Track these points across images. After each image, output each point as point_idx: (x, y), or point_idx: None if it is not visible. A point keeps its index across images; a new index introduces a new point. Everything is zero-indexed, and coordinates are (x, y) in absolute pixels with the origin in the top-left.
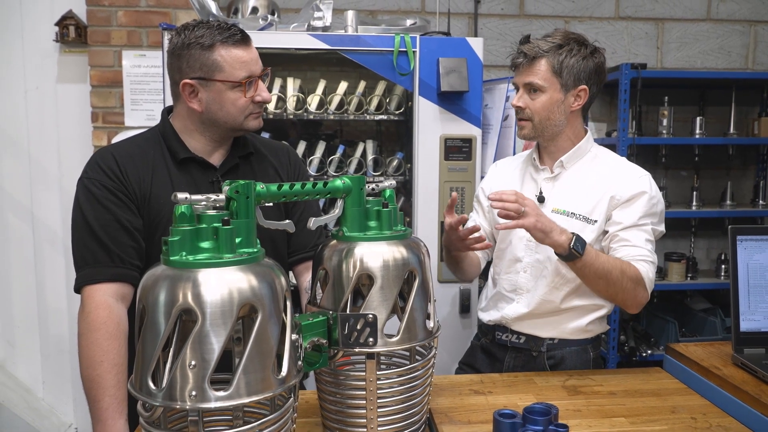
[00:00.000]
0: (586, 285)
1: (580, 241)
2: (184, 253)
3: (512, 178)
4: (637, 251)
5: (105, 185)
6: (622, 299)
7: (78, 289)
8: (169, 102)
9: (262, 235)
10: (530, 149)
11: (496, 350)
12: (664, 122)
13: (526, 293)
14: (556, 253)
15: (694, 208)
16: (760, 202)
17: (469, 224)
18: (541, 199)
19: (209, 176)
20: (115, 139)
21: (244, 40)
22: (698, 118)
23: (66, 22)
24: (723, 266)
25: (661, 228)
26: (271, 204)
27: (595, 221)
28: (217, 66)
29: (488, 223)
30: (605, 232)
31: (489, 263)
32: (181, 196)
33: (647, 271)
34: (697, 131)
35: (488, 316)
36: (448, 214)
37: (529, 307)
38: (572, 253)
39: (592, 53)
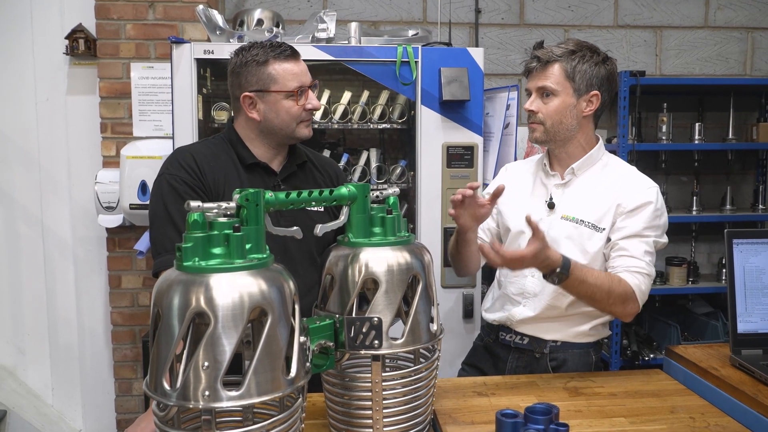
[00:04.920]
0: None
1: (567, 262)
2: (196, 259)
3: (523, 183)
4: (633, 262)
5: (185, 181)
6: (610, 313)
7: (156, 273)
8: (178, 114)
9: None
10: (537, 154)
11: (500, 350)
12: (664, 128)
13: (533, 297)
14: (542, 272)
15: (694, 213)
16: (760, 206)
17: None
18: (551, 206)
19: (272, 181)
20: (124, 150)
21: (293, 55)
22: (697, 124)
23: (76, 35)
24: (724, 270)
25: (664, 240)
26: (321, 208)
27: (603, 229)
28: (272, 79)
29: (495, 224)
30: (609, 239)
31: (488, 267)
32: (193, 204)
33: (639, 284)
34: (697, 137)
35: (493, 316)
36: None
37: (535, 311)
38: (558, 274)
39: (604, 60)
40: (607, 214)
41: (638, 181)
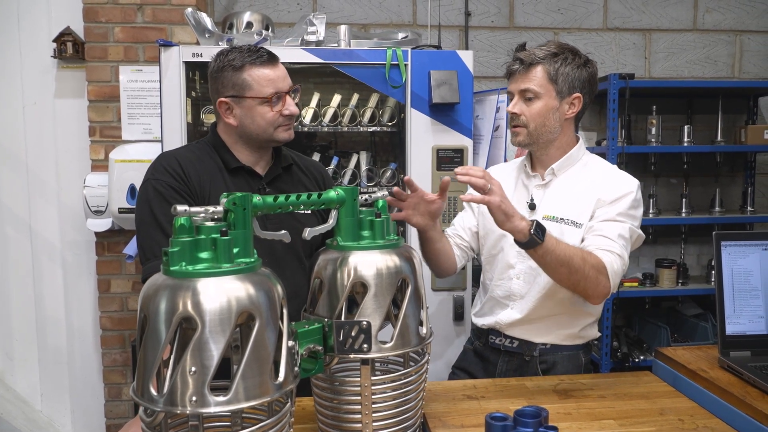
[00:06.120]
0: (549, 275)
1: (540, 227)
2: (183, 263)
3: (504, 185)
4: (605, 242)
5: (171, 185)
6: (584, 287)
7: (145, 279)
8: (166, 117)
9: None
10: (523, 156)
11: (489, 354)
12: (653, 131)
13: (520, 299)
14: (516, 241)
15: (683, 214)
16: (748, 208)
17: (457, 222)
18: (532, 206)
19: (256, 184)
20: (113, 153)
21: (270, 60)
22: (686, 127)
23: (64, 38)
24: (713, 272)
25: (640, 232)
26: (308, 211)
27: (582, 224)
28: (247, 84)
29: (476, 222)
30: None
31: (478, 268)
32: (180, 208)
33: (611, 262)
34: (686, 139)
35: (483, 321)
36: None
37: (522, 313)
38: (533, 239)
39: (586, 63)
40: (587, 209)
41: (618, 176)
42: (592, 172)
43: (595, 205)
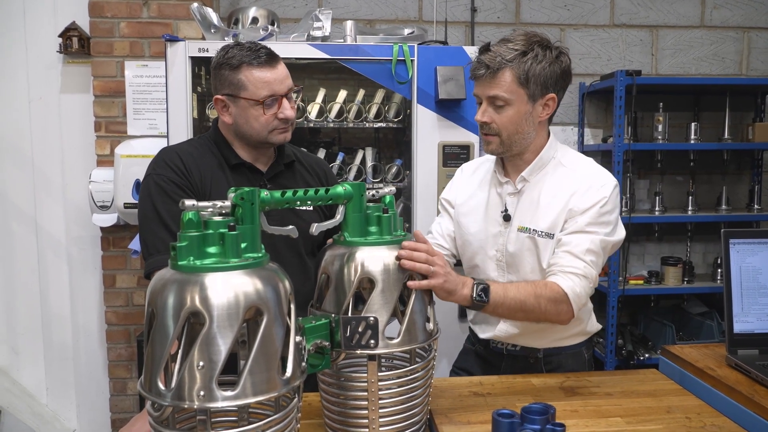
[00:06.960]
0: (508, 319)
1: (482, 287)
2: (191, 258)
3: (477, 192)
4: (570, 261)
5: (173, 180)
6: (545, 320)
7: (148, 274)
8: (172, 112)
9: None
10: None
11: (492, 357)
12: (660, 128)
13: None
14: (465, 306)
15: (690, 212)
16: (755, 206)
17: (435, 229)
18: (506, 218)
19: (258, 180)
20: (118, 148)
21: (269, 61)
22: (693, 124)
23: (69, 33)
24: (719, 270)
25: (615, 238)
26: (311, 208)
27: (555, 235)
28: (242, 85)
29: (453, 229)
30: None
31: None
32: (188, 202)
33: (572, 287)
34: (692, 137)
35: (482, 333)
36: None
37: (518, 328)
38: (476, 304)
39: (558, 57)
40: (559, 220)
41: (591, 179)
42: (566, 172)
43: (567, 214)
